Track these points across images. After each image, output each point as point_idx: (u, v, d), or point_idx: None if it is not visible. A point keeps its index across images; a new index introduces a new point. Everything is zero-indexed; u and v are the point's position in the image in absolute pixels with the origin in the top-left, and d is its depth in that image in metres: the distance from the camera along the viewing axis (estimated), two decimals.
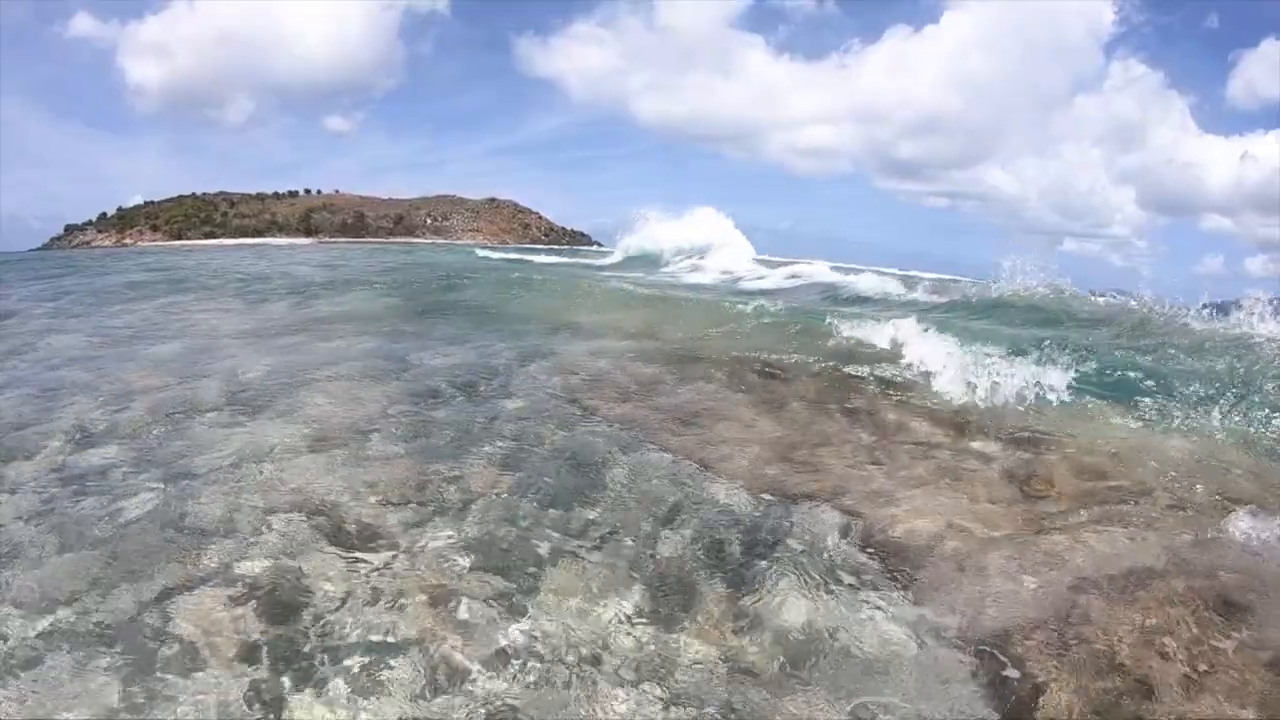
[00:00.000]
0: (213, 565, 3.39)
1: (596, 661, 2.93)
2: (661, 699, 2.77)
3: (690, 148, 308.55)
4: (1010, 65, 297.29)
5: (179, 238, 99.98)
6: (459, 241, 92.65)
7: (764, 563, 3.58)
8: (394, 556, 3.51)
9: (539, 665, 2.89)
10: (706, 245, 26.59)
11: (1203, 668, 2.79)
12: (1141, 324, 8.55)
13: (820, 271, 17.77)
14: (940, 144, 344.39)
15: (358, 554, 3.52)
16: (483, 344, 7.78)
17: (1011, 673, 2.88)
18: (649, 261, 24.89)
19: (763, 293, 14.31)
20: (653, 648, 3.02)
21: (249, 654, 2.88)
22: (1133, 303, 9.37)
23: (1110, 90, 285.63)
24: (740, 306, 9.93)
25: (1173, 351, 6.97)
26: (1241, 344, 6.99)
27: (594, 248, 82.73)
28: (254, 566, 3.39)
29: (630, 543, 3.73)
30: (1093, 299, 10.30)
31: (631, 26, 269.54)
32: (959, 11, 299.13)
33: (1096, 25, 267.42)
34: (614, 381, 6.33)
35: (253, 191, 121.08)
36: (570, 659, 2.93)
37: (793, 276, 18.18)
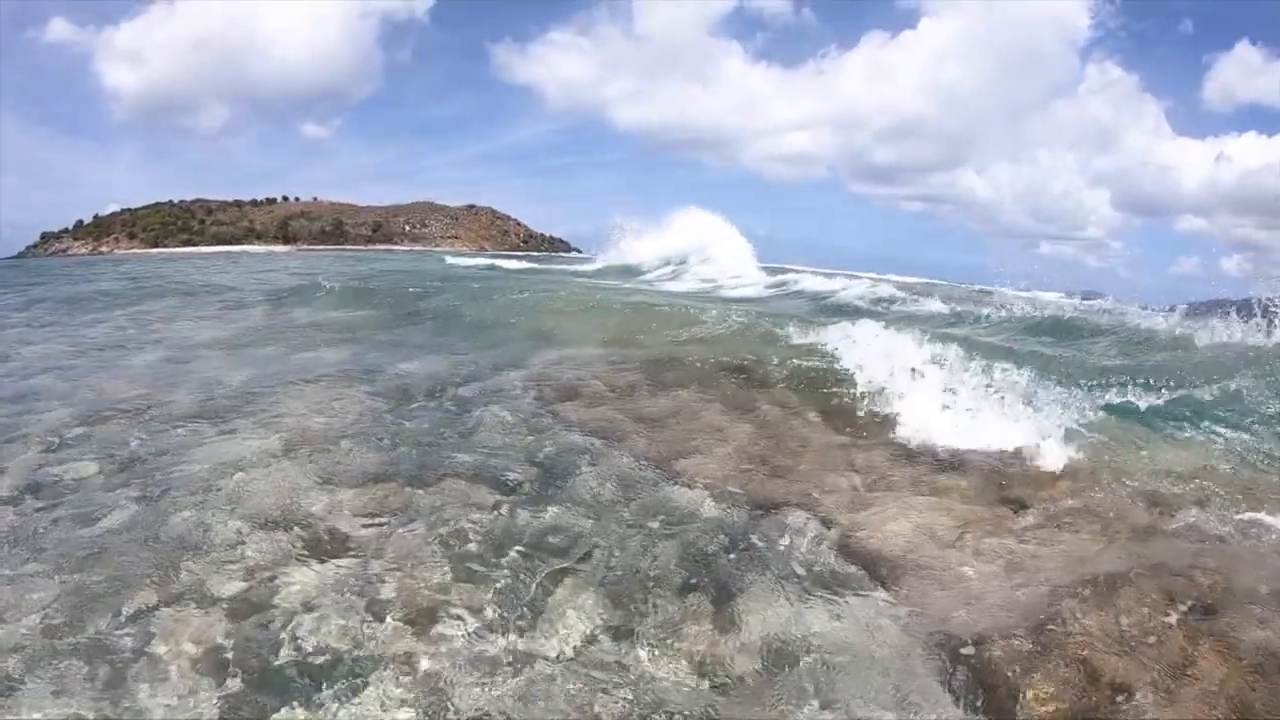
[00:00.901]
0: (187, 577, 3.35)
1: (571, 672, 2.91)
2: (637, 708, 2.76)
3: (668, 155, 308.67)
4: (986, 70, 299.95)
5: (156, 245, 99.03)
6: (437, 249, 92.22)
7: (739, 570, 3.58)
8: (369, 568, 3.48)
9: (514, 676, 2.87)
10: (697, 248, 26.15)
11: (1178, 669, 2.82)
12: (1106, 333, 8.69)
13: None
14: (917, 149, 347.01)
15: (333, 565, 3.49)
16: (456, 352, 7.75)
17: (988, 677, 2.89)
18: (630, 271, 24.75)
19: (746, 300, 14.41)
20: (628, 657, 3.01)
21: (223, 667, 2.85)
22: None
23: (1085, 94, 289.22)
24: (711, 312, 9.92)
25: (1135, 358, 7.08)
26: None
27: (572, 254, 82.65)
28: (229, 578, 3.36)
29: (604, 552, 3.71)
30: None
31: (609, 34, 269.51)
32: (936, 18, 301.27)
33: (1072, 30, 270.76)
34: (587, 388, 6.31)
35: (230, 199, 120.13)
36: (545, 670, 2.92)
37: (779, 285, 18.32)
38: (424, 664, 2.91)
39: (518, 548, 3.69)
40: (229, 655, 2.90)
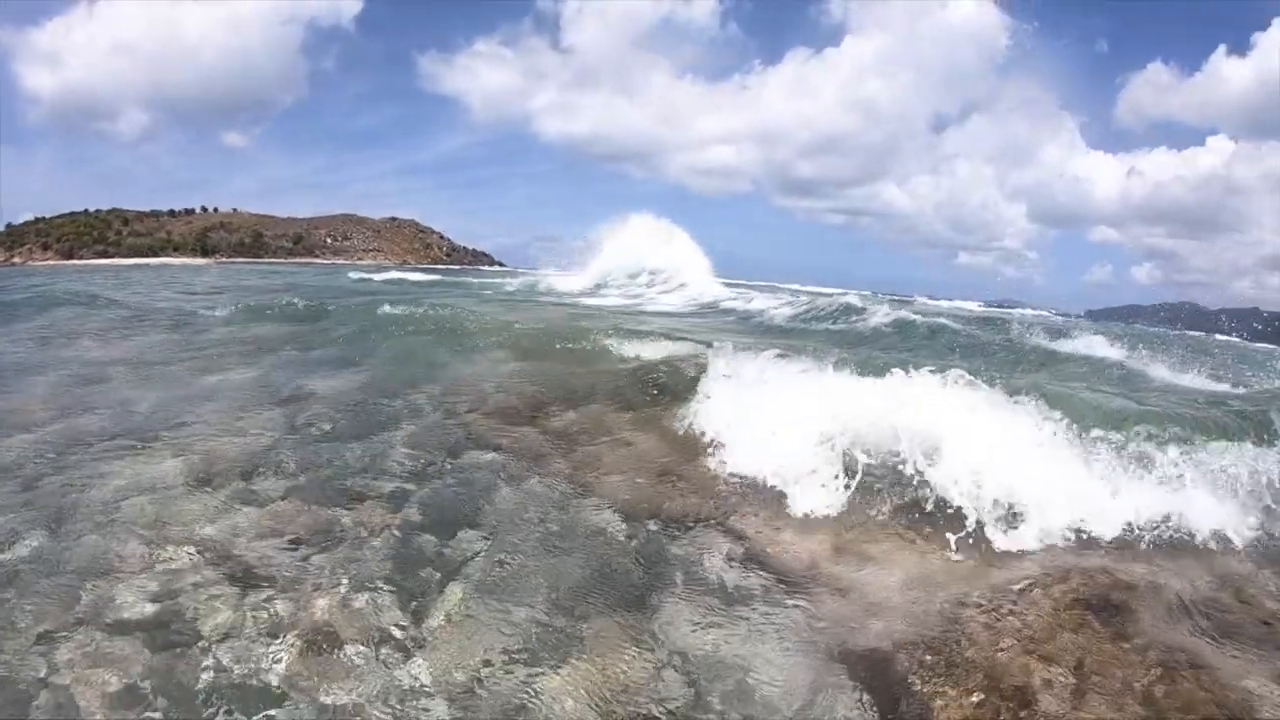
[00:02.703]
0: (97, 607, 3.29)
1: (474, 695, 2.93)
2: None
3: (593, 167, 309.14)
4: (908, 86, 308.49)
5: (71, 257, 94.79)
6: (359, 262, 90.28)
7: (648, 585, 3.62)
8: (280, 595, 3.44)
9: (424, 706, 2.87)
10: (655, 267, 24.48)
11: (1086, 671, 2.96)
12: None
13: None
14: (839, 163, 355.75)
15: (245, 592, 3.45)
16: (363, 370, 7.60)
17: (900, 688, 2.97)
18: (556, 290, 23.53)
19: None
20: (541, 681, 3.00)
21: (135, 698, 2.82)
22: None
23: (1004, 110, 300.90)
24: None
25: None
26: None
27: (495, 268, 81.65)
28: (140, 607, 3.31)
29: (518, 574, 3.70)
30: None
31: (536, 45, 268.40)
32: (859, 35, 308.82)
33: (991, 49, 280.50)
34: (500, 405, 6.25)
35: (148, 209, 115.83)
36: (458, 696, 2.92)
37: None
38: (333, 692, 2.90)
39: (430, 572, 3.67)
40: (137, 684, 2.88)
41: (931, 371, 5.05)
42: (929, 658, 3.12)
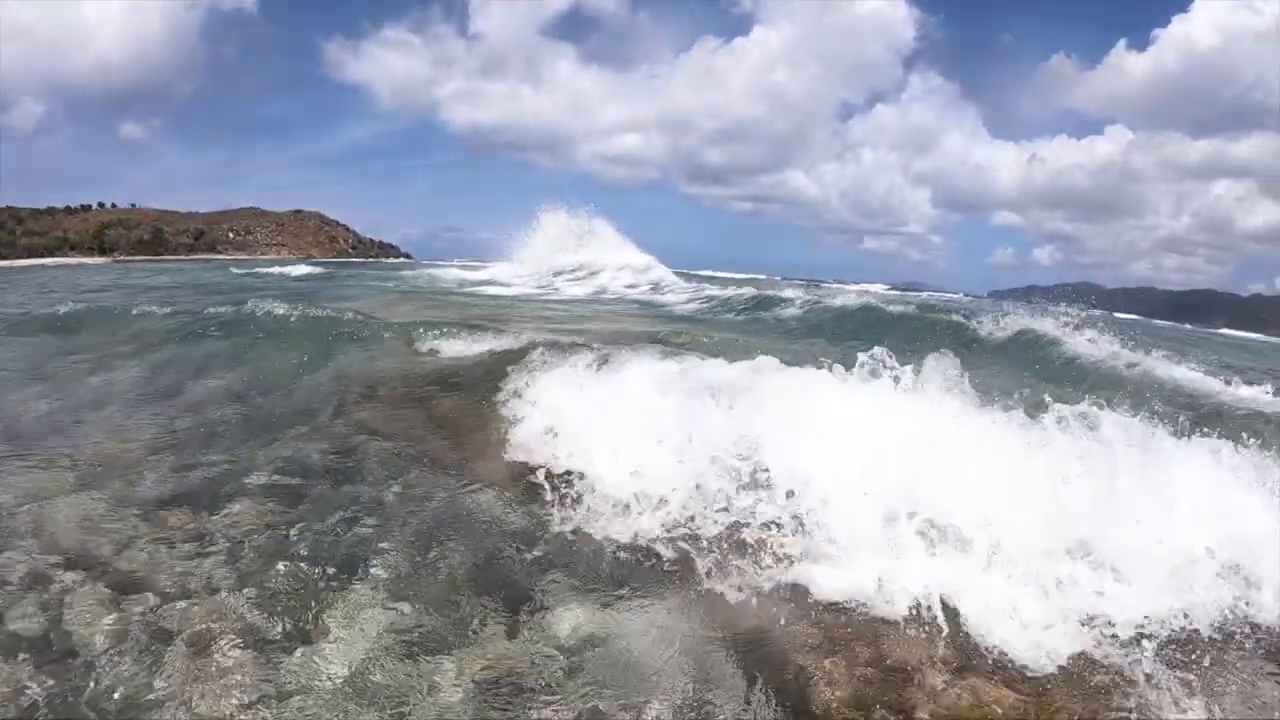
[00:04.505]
0: None
1: (362, 689, 2.93)
2: None
3: (500, 156, 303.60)
4: (815, 75, 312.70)
5: None
6: (263, 256, 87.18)
7: (536, 574, 3.66)
8: (165, 601, 3.40)
9: (311, 705, 2.87)
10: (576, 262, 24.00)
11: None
12: None
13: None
14: (746, 151, 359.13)
15: (130, 599, 3.41)
16: (250, 366, 7.36)
17: (782, 668, 3.07)
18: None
19: None
20: (428, 670, 3.03)
21: (21, 710, 2.81)
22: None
23: (908, 100, 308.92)
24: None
25: None
26: None
27: (401, 260, 79.69)
28: (23, 617, 3.28)
29: (405, 565, 3.71)
30: None
31: (443, 32, 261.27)
32: (768, 25, 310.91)
33: (897, 40, 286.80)
34: (388, 395, 6.17)
35: (43, 206, 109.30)
36: (344, 691, 2.93)
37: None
38: (208, 695, 2.90)
39: (317, 568, 3.65)
40: (19, 698, 2.86)
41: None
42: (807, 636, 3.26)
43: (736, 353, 6.39)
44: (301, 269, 30.54)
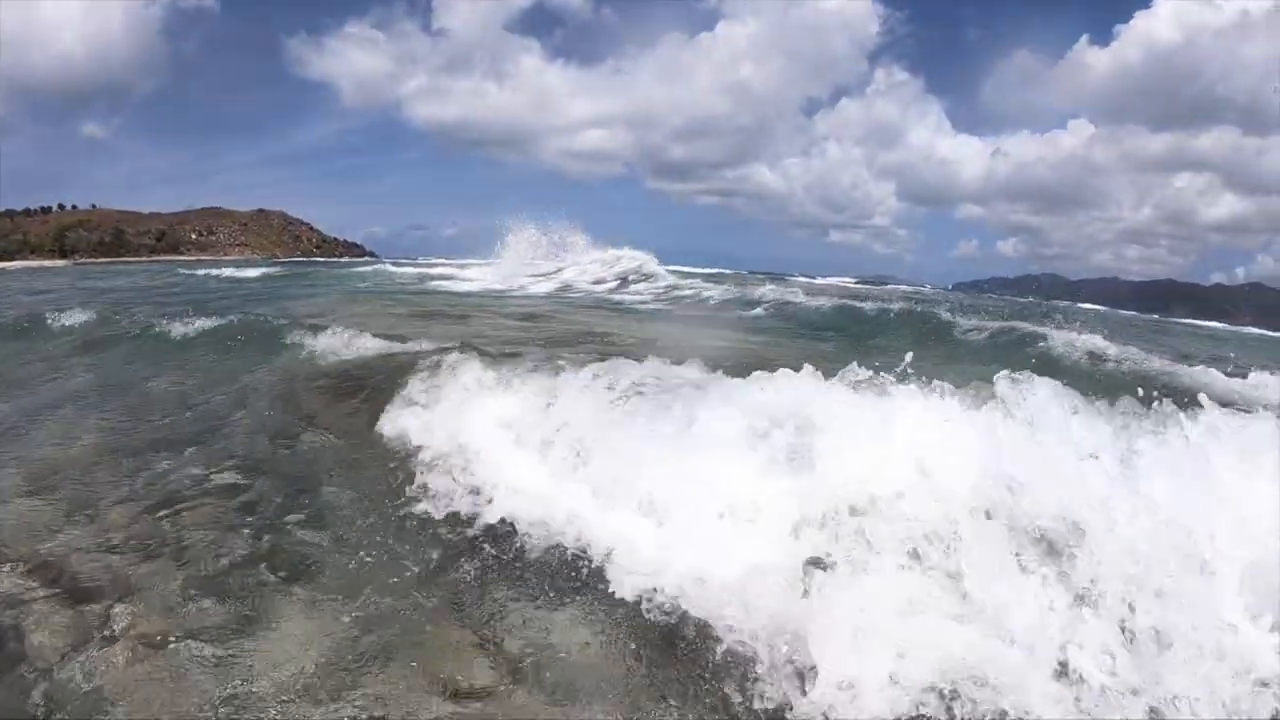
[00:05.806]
0: None
1: (308, 695, 2.88)
2: None
3: (465, 153, 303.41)
4: (779, 71, 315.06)
5: None
6: (225, 257, 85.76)
7: (481, 579, 3.62)
8: (114, 605, 3.37)
9: (256, 708, 2.82)
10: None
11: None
12: None
13: None
14: (711, 146, 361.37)
15: (80, 604, 3.38)
16: (200, 368, 7.32)
17: (720, 670, 2.99)
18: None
19: None
20: (372, 676, 2.98)
21: None
22: None
23: (873, 94, 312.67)
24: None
25: None
26: None
27: (366, 259, 78.58)
28: None
29: (353, 567, 3.68)
30: None
31: (407, 29, 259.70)
32: (733, 20, 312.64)
33: (862, 35, 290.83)
34: (336, 386, 6.13)
35: (2, 209, 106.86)
36: (292, 690, 2.89)
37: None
38: (155, 699, 2.85)
39: (267, 571, 3.63)
40: None
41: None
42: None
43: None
44: (255, 271, 29.87)
